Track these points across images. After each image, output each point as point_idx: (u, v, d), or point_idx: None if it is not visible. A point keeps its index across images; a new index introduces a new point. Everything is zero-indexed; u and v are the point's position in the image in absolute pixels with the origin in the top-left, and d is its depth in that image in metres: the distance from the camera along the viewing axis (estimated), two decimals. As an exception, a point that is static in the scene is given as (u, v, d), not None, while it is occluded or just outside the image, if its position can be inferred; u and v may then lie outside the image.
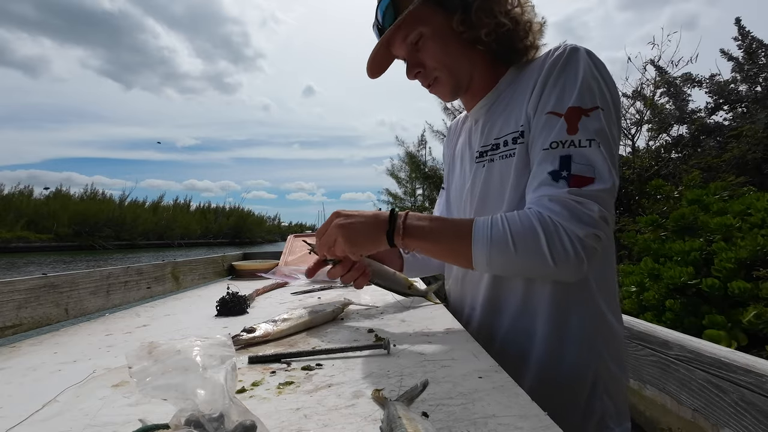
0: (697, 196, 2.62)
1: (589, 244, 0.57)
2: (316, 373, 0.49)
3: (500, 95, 0.77)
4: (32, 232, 21.75)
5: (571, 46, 0.64)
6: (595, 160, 0.58)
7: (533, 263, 0.59)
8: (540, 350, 0.67)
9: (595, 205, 0.57)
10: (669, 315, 2.01)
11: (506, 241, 0.58)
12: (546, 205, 0.58)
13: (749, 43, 4.98)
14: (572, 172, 0.58)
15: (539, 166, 0.62)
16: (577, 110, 0.60)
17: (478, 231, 0.61)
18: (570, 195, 0.57)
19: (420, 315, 0.79)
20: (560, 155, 0.59)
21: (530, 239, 0.57)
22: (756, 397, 0.78)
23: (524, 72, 0.73)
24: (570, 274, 0.58)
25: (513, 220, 0.59)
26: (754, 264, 1.92)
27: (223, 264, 1.62)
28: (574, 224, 0.56)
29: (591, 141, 0.59)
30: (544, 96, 0.64)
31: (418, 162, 10.33)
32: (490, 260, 0.60)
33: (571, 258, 0.56)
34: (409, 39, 0.75)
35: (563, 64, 0.63)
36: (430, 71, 0.76)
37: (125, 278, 1.03)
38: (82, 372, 0.52)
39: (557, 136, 0.60)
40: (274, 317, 0.69)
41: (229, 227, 40.16)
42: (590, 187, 0.57)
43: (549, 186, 0.59)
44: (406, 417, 0.32)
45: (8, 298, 0.72)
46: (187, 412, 0.29)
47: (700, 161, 4.16)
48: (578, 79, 0.62)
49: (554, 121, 0.61)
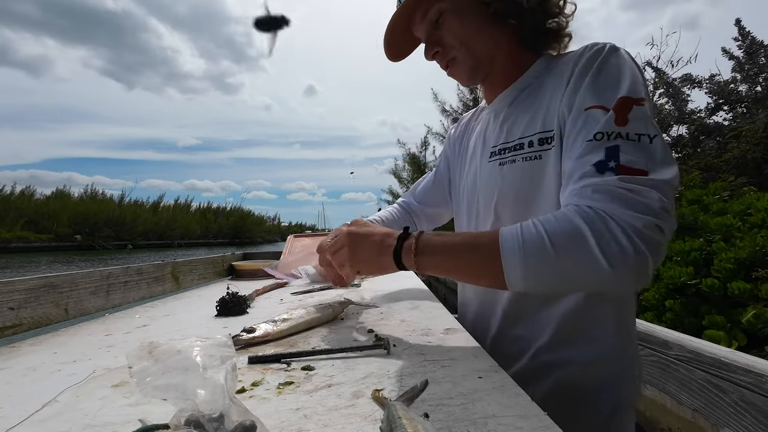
0: (696, 196, 2.63)
1: (651, 237, 0.45)
2: (316, 373, 0.49)
3: (526, 88, 0.70)
4: (32, 232, 21.73)
5: (610, 44, 0.59)
6: (649, 154, 0.50)
7: (582, 268, 0.47)
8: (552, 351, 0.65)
9: (654, 192, 0.47)
10: (669, 315, 2.01)
11: (543, 246, 0.48)
12: (590, 196, 0.49)
13: (749, 43, 4.99)
14: (621, 163, 0.49)
15: (579, 160, 0.53)
16: (627, 100, 0.53)
17: (507, 239, 0.51)
18: (620, 182, 0.47)
19: (420, 315, 0.79)
20: (606, 146, 0.51)
21: (573, 238, 0.47)
22: (756, 397, 0.78)
23: (556, 66, 0.65)
24: (633, 277, 0.47)
25: (547, 221, 0.50)
26: (753, 264, 1.92)
27: (223, 264, 1.62)
28: (628, 213, 0.45)
29: (640, 135, 0.51)
30: (583, 92, 0.57)
31: (420, 163, 10.36)
32: (527, 273, 0.49)
33: (630, 256, 0.45)
34: (429, 16, 0.70)
35: (604, 59, 0.58)
36: (448, 50, 0.71)
37: (125, 278, 1.03)
38: (82, 372, 0.52)
39: (604, 127, 0.52)
40: (274, 317, 0.69)
41: (229, 227, 40.16)
42: (645, 177, 0.48)
43: (593, 177, 0.50)
44: (406, 417, 0.32)
45: (8, 298, 0.72)
46: (187, 412, 0.29)
47: (700, 161, 4.16)
48: (625, 70, 0.56)
49: (598, 114, 0.54)
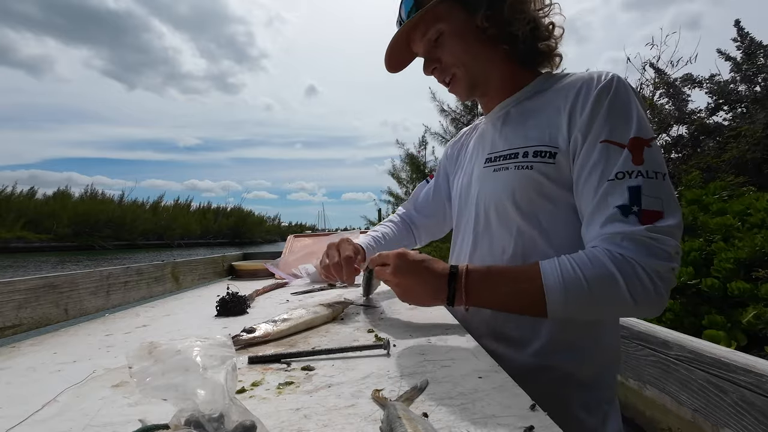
0: (696, 196, 2.63)
1: (668, 278, 0.55)
2: (316, 373, 0.49)
3: (523, 102, 0.76)
4: (32, 232, 21.74)
5: (615, 75, 0.63)
6: (664, 193, 0.57)
7: (613, 306, 0.58)
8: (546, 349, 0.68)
9: (671, 240, 0.56)
10: (669, 315, 2.01)
11: (581, 286, 0.56)
12: (619, 243, 0.56)
13: (748, 44, 4.99)
14: (643, 207, 0.56)
15: (605, 199, 0.59)
16: (639, 141, 0.59)
17: (550, 278, 0.58)
18: (646, 232, 0.55)
19: (420, 315, 0.79)
20: (628, 186, 0.58)
21: (607, 282, 0.55)
22: (756, 397, 0.78)
23: (556, 86, 0.71)
24: (651, 310, 0.58)
25: (584, 264, 0.57)
26: (753, 264, 1.92)
27: (222, 264, 1.62)
28: (652, 260, 0.55)
29: (657, 173, 0.58)
30: (598, 123, 0.62)
31: (419, 163, 10.35)
32: (567, 307, 0.58)
33: (652, 295, 0.55)
34: (428, 36, 0.75)
35: (615, 93, 0.62)
36: (447, 68, 0.77)
37: (125, 278, 1.03)
38: (82, 372, 0.52)
39: (623, 166, 0.58)
40: (274, 317, 0.69)
41: (229, 227, 40.18)
42: (662, 222, 0.56)
43: (620, 222, 0.57)
44: (406, 417, 0.32)
45: (8, 298, 0.72)
46: (187, 412, 0.29)
47: (700, 161, 4.16)
48: (633, 109, 0.61)
49: (615, 151, 0.60)
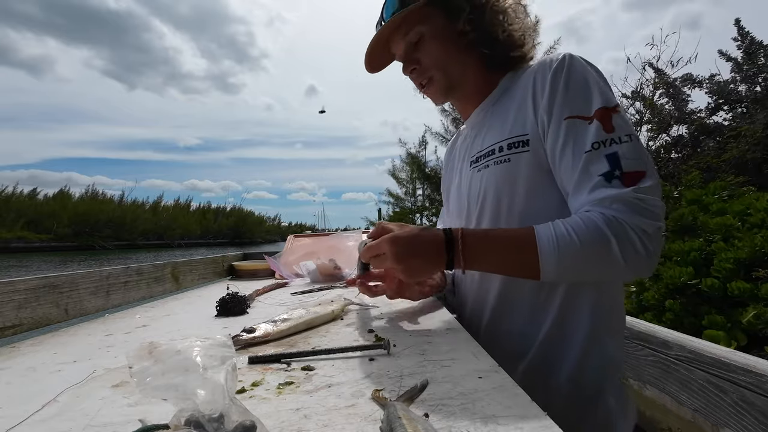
0: (696, 196, 2.63)
1: (656, 237, 0.57)
2: (316, 373, 0.49)
3: (496, 102, 0.78)
4: (32, 232, 21.73)
5: (567, 54, 0.66)
6: (640, 153, 0.59)
7: (605, 266, 0.59)
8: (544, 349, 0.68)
9: (656, 200, 0.57)
10: (669, 315, 2.01)
11: (575, 248, 0.57)
12: (609, 206, 0.58)
13: (748, 44, 4.99)
14: (624, 170, 0.58)
15: (587, 170, 0.61)
16: (605, 110, 0.61)
17: (544, 240, 0.60)
18: (633, 194, 0.57)
19: (420, 315, 0.79)
20: (605, 154, 0.59)
21: (600, 243, 0.56)
22: (756, 397, 0.78)
23: (520, 79, 0.74)
24: (640, 271, 0.59)
25: (578, 226, 0.58)
26: (753, 264, 1.92)
27: (222, 264, 1.62)
28: (641, 220, 0.56)
29: (629, 136, 0.60)
30: (558, 102, 0.64)
31: (419, 162, 10.32)
32: (559, 269, 0.59)
33: (642, 255, 0.56)
34: (409, 38, 0.77)
35: (568, 70, 0.64)
36: (425, 70, 0.79)
37: (125, 278, 1.03)
38: (82, 372, 0.52)
39: (597, 136, 0.60)
40: (274, 317, 0.69)
41: (229, 227, 40.17)
42: (645, 182, 0.58)
43: (605, 188, 0.59)
44: (406, 417, 0.32)
45: (8, 298, 0.72)
46: (187, 413, 0.29)
47: (700, 161, 4.16)
48: (591, 81, 0.63)
49: (581, 125, 0.62)
